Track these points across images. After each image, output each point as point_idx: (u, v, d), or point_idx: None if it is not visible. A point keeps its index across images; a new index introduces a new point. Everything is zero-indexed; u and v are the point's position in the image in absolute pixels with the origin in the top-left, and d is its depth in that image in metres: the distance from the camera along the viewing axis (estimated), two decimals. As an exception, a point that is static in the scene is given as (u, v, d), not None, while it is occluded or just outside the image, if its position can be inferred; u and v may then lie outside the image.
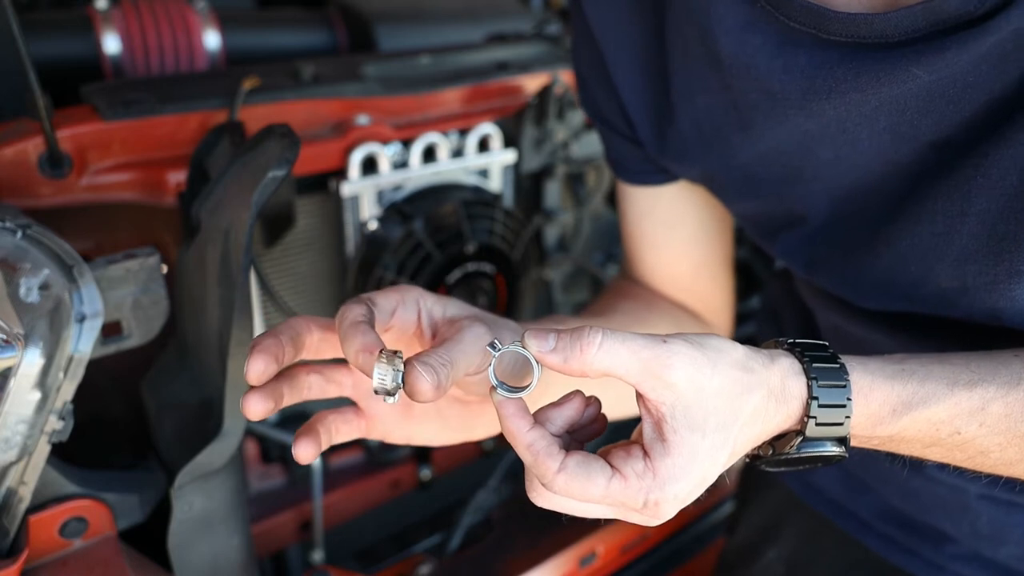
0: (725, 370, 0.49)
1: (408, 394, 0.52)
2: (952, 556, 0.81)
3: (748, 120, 0.66)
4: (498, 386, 0.51)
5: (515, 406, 0.50)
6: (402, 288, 0.60)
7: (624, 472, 0.48)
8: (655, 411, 0.49)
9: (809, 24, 0.57)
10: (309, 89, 0.99)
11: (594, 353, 0.48)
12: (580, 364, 0.48)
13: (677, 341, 0.49)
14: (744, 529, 1.05)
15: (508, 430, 0.50)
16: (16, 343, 0.62)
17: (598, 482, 0.48)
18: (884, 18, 0.54)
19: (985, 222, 0.57)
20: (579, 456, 0.49)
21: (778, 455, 0.55)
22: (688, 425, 0.48)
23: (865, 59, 0.56)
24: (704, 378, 0.49)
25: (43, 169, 0.82)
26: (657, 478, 0.48)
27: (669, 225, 0.86)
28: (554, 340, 0.49)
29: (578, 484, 0.48)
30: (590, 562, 1.12)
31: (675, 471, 0.48)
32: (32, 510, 0.71)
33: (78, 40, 1.07)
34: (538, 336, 0.49)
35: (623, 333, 0.48)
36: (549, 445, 0.49)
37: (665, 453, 0.48)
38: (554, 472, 0.48)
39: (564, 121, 1.14)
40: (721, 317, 0.92)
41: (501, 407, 0.50)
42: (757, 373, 0.51)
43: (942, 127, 0.57)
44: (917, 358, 0.57)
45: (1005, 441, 0.56)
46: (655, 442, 0.49)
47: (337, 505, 1.11)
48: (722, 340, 0.51)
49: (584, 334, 0.48)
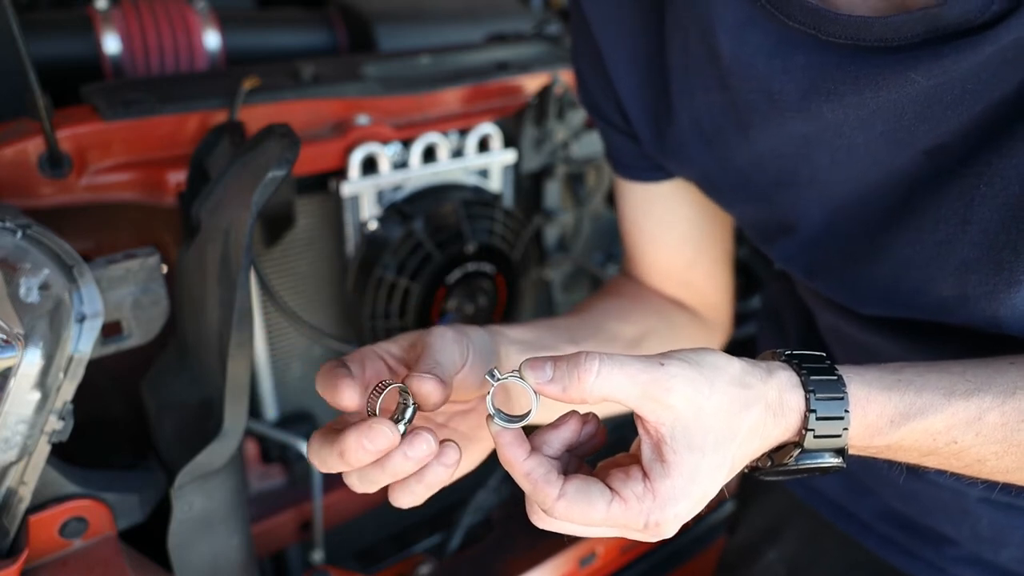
0: (723, 388, 0.50)
1: (421, 403, 0.53)
2: (953, 558, 0.81)
3: (746, 120, 0.66)
4: (495, 415, 0.51)
5: (512, 435, 0.50)
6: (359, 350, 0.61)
7: (624, 495, 0.48)
8: (654, 432, 0.49)
9: (809, 24, 0.57)
10: (309, 89, 0.99)
11: (592, 380, 0.48)
12: (579, 392, 0.48)
13: (674, 362, 0.49)
14: (745, 530, 1.05)
15: (505, 459, 0.50)
16: (16, 343, 0.61)
17: (598, 507, 0.48)
18: (884, 22, 0.53)
19: (987, 231, 0.57)
20: (578, 481, 0.49)
21: (776, 466, 0.55)
22: (688, 445, 0.48)
23: (864, 62, 0.56)
24: (702, 398, 0.49)
25: (43, 169, 0.82)
26: (657, 499, 0.48)
27: (665, 222, 0.86)
28: (551, 369, 0.49)
29: (579, 509, 0.48)
30: (590, 562, 1.12)
31: (675, 492, 0.48)
32: (32, 510, 0.71)
33: (78, 40, 1.07)
34: (535, 366, 0.49)
35: (620, 357, 0.48)
36: (547, 472, 0.49)
37: (665, 475, 0.48)
38: (554, 499, 0.48)
39: (564, 121, 1.14)
40: (719, 315, 0.92)
41: (498, 437, 0.50)
42: (754, 388, 0.51)
43: (939, 134, 0.57)
44: (914, 367, 0.57)
45: (1002, 450, 0.56)
46: (654, 463, 0.49)
47: (337, 505, 1.11)
48: (718, 356, 0.51)
49: (581, 362, 0.48)
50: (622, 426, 1.16)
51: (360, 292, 1.02)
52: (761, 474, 0.57)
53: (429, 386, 0.53)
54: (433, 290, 1.04)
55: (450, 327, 0.61)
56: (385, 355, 0.60)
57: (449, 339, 0.59)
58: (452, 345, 0.59)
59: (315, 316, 1.07)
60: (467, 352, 0.60)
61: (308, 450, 0.55)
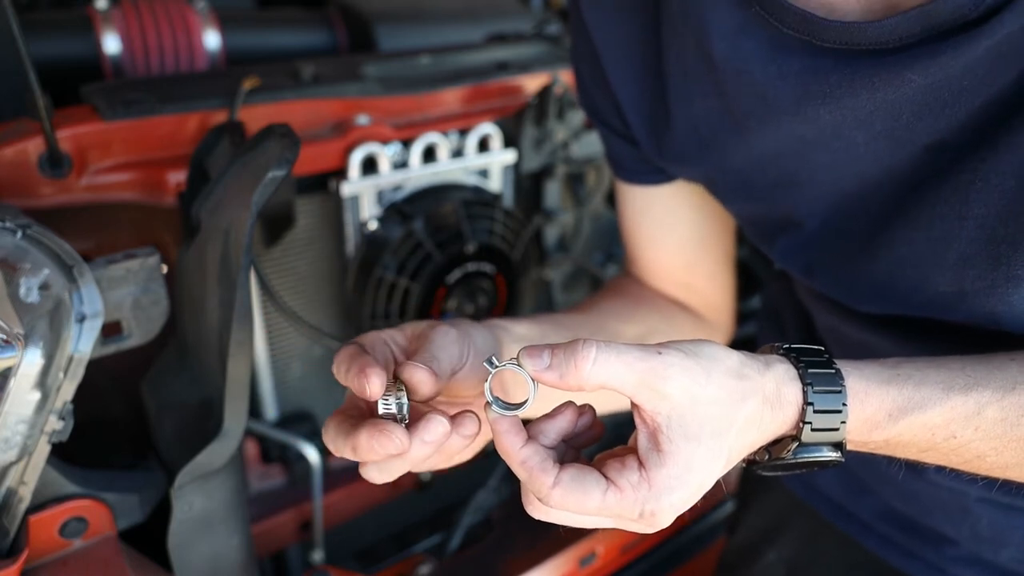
0: (719, 379, 0.50)
1: (411, 392, 0.54)
2: (952, 558, 0.81)
3: (743, 125, 0.66)
4: (493, 402, 0.51)
5: (509, 423, 0.51)
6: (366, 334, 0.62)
7: (619, 484, 0.48)
8: (651, 421, 0.49)
9: (802, 31, 0.57)
10: (309, 89, 0.99)
11: (589, 368, 0.48)
12: (576, 380, 0.48)
13: (671, 351, 0.49)
14: (745, 530, 1.05)
15: (502, 447, 0.51)
16: (16, 343, 0.61)
17: (593, 495, 0.48)
18: (878, 26, 0.53)
19: (983, 227, 0.57)
20: (573, 470, 0.49)
21: (774, 460, 0.55)
22: (684, 435, 0.48)
23: (859, 65, 0.56)
24: (698, 387, 0.49)
25: (43, 169, 0.82)
26: (652, 489, 0.48)
27: (664, 224, 0.86)
28: (548, 357, 0.49)
29: (574, 498, 0.48)
30: (590, 562, 1.12)
31: (670, 481, 0.48)
32: (32, 510, 0.71)
33: (78, 40, 1.07)
34: (533, 354, 0.49)
35: (617, 345, 0.49)
36: (543, 460, 0.49)
37: (660, 464, 0.48)
38: (549, 487, 0.49)
39: (564, 121, 1.14)
40: (720, 316, 0.92)
41: (495, 424, 0.51)
42: (752, 380, 0.51)
43: (938, 130, 0.57)
44: (912, 362, 0.57)
45: (1001, 445, 0.56)
46: (650, 452, 0.49)
47: (337, 505, 1.11)
48: (716, 348, 0.52)
49: (578, 349, 0.48)
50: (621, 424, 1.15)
51: (360, 292, 1.02)
52: (759, 468, 0.57)
53: (421, 375, 0.54)
54: (433, 290, 1.04)
55: (455, 326, 0.61)
56: (391, 342, 0.61)
57: (451, 338, 0.60)
58: (452, 345, 0.59)
59: (315, 316, 1.07)
60: (468, 351, 0.60)
61: (323, 434, 0.56)
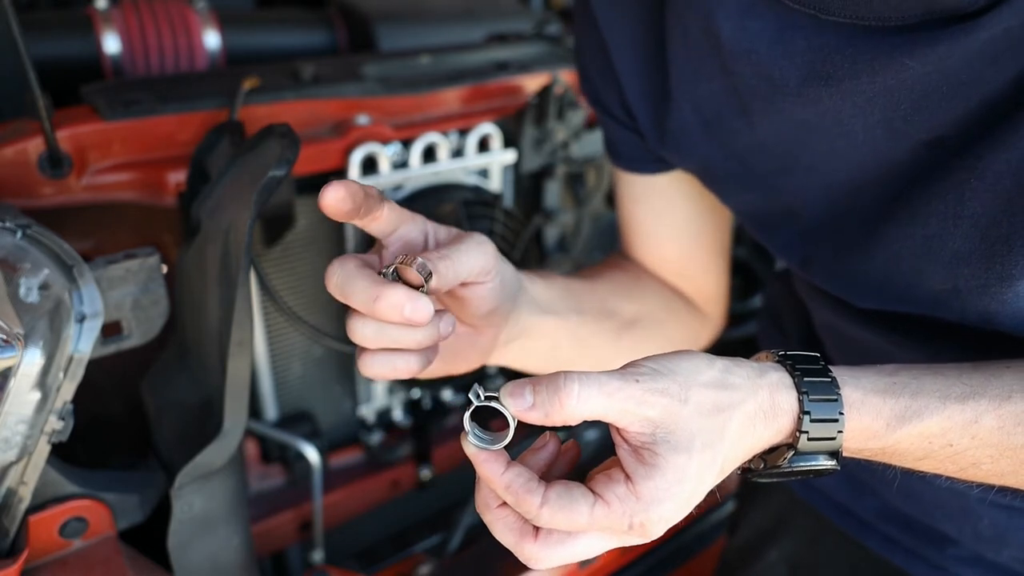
0: (699, 392, 0.50)
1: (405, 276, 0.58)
2: (954, 558, 0.81)
3: (747, 106, 0.67)
4: (470, 432, 0.51)
5: (487, 452, 0.51)
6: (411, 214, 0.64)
7: (606, 497, 0.49)
8: (635, 441, 0.49)
9: (808, 4, 0.57)
10: (309, 89, 0.99)
11: (573, 404, 0.48)
12: (561, 417, 0.49)
13: (648, 376, 0.50)
14: (745, 529, 1.05)
15: (484, 476, 0.51)
16: (16, 343, 0.61)
17: (581, 510, 0.48)
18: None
19: (978, 225, 0.57)
20: (559, 487, 0.49)
21: (770, 468, 0.55)
22: (673, 448, 0.49)
23: (861, 44, 0.57)
24: (678, 404, 0.49)
25: (43, 169, 0.82)
26: (640, 501, 0.48)
27: (660, 213, 0.87)
28: (531, 395, 0.49)
29: (563, 515, 0.48)
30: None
31: (659, 493, 0.48)
32: (32, 510, 0.71)
33: (78, 40, 1.07)
34: (515, 394, 0.49)
35: (598, 377, 0.49)
36: (528, 482, 0.50)
37: (648, 476, 0.48)
38: (537, 507, 0.49)
39: (564, 121, 1.14)
40: (713, 307, 0.93)
41: (474, 456, 0.51)
42: (739, 389, 0.51)
43: (935, 125, 0.57)
44: (909, 370, 0.57)
45: (997, 453, 0.56)
46: (637, 465, 0.49)
47: (337, 505, 1.11)
48: (695, 360, 0.52)
49: (560, 386, 0.48)
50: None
51: (360, 292, 1.02)
52: (754, 476, 0.57)
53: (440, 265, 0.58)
54: (433, 290, 1.04)
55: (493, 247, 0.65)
56: (430, 233, 0.65)
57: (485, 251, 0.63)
58: (482, 257, 0.63)
59: (315, 316, 1.07)
60: (494, 274, 0.64)
61: (335, 272, 0.58)
